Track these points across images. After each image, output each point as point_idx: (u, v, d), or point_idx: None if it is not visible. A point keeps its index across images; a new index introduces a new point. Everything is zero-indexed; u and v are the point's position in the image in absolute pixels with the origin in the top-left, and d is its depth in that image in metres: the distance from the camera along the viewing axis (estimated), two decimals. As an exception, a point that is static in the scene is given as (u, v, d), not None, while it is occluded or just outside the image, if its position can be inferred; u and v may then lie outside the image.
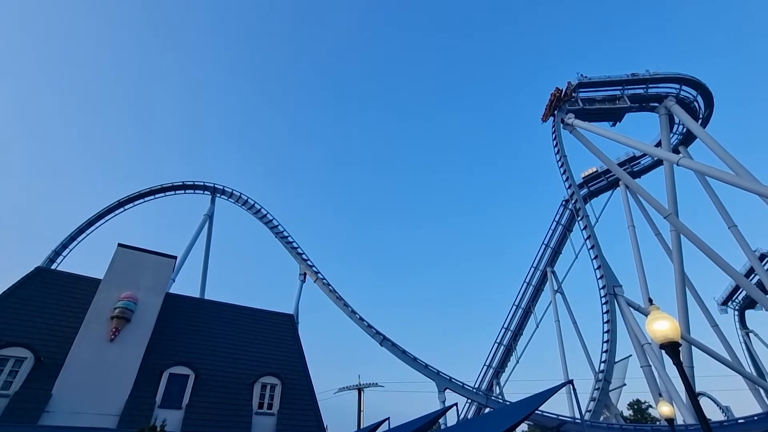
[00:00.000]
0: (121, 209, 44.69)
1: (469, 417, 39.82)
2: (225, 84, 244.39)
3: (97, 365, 14.50)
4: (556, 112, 47.82)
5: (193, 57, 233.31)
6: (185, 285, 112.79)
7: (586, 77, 47.61)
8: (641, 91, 46.56)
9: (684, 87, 45.29)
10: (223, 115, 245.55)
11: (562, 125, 47.28)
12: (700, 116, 45.99)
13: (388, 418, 25.09)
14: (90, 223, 42.77)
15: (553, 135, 47.63)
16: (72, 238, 41.44)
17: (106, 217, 43.97)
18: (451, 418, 29.04)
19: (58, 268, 35.18)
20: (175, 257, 19.56)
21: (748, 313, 64.73)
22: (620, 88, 47.21)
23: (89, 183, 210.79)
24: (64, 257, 40.66)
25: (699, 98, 45.47)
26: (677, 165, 37.60)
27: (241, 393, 16.70)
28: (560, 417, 30.65)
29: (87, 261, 30.39)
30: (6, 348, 13.56)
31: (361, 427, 35.08)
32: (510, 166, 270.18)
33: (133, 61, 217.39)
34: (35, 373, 13.63)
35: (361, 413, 43.31)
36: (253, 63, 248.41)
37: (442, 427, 28.98)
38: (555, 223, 51.58)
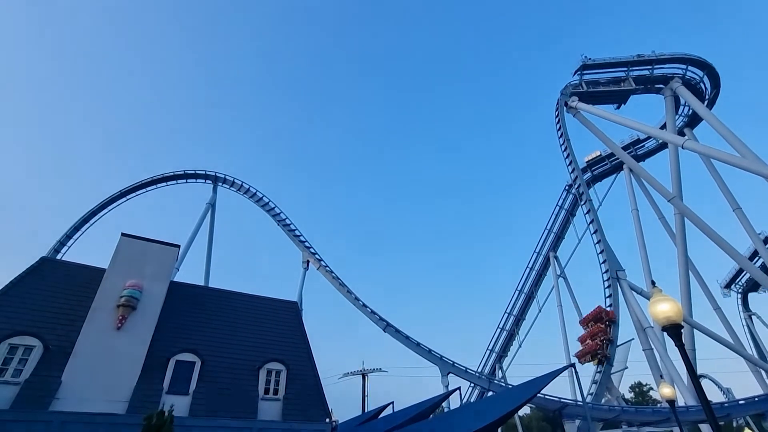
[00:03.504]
0: (124, 199, 44.81)
1: (472, 400, 40.40)
2: (225, 76, 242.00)
3: (104, 353, 14.69)
4: None
5: (197, 50, 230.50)
6: (189, 273, 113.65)
7: (590, 59, 46.76)
8: (647, 72, 45.73)
9: (690, 67, 44.44)
10: (221, 106, 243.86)
11: (565, 108, 46.67)
12: (707, 97, 45.23)
13: (392, 402, 25.43)
14: (93, 213, 42.95)
15: (557, 119, 47.08)
16: (76, 228, 41.68)
17: (109, 207, 44.15)
18: (454, 402, 29.46)
19: (63, 258, 35.48)
20: (178, 246, 19.62)
21: (751, 296, 64.81)
22: (625, 69, 46.37)
23: (91, 174, 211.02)
24: (69, 247, 41.02)
25: (705, 79, 44.64)
26: (682, 148, 37.19)
27: (247, 379, 16.92)
28: (562, 400, 31.01)
29: (91, 251, 30.62)
30: (15, 336, 13.73)
31: (366, 411, 35.69)
32: (512, 156, 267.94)
33: (137, 53, 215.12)
34: (44, 361, 13.82)
35: (366, 398, 43.99)
36: (250, 50, 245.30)
37: (446, 410, 29.42)
38: (558, 207, 51.38)
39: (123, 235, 17.93)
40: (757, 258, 49.59)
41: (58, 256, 38.12)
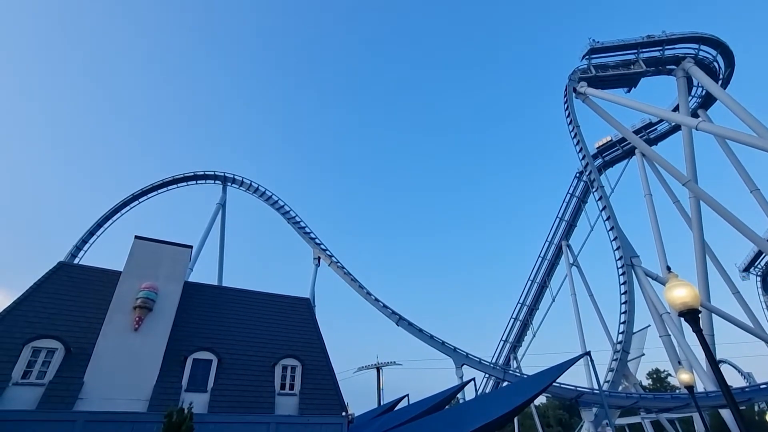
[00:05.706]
0: (136, 202, 45.53)
1: (487, 391, 40.41)
2: (227, 80, 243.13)
3: (124, 353, 15.02)
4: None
5: (201, 49, 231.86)
6: (203, 273, 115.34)
7: (598, 42, 45.78)
8: (657, 53, 44.64)
9: (703, 47, 43.23)
10: (224, 108, 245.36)
11: (574, 94, 45.84)
12: (720, 77, 44.01)
13: (407, 395, 25.52)
14: (106, 217, 43.74)
15: (565, 105, 46.28)
16: (91, 233, 42.51)
17: (122, 211, 44.90)
18: (469, 393, 29.53)
19: (80, 263, 36.26)
20: (191, 247, 19.88)
21: (771, 279, 63.39)
22: (635, 51, 45.33)
23: (102, 179, 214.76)
24: (85, 252, 41.87)
25: (719, 58, 43.41)
26: (696, 129, 36.27)
27: (263, 375, 17.16)
28: (578, 388, 30.83)
29: (106, 254, 31.21)
30: (38, 340, 14.13)
31: (381, 404, 35.96)
32: (520, 145, 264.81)
33: (148, 55, 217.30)
34: (67, 362, 14.19)
35: (381, 391, 44.31)
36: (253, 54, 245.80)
37: (461, 401, 29.50)
38: (569, 195, 50.77)
39: (136, 237, 18.22)
40: (776, 239, 48.34)
41: (75, 261, 38.97)
